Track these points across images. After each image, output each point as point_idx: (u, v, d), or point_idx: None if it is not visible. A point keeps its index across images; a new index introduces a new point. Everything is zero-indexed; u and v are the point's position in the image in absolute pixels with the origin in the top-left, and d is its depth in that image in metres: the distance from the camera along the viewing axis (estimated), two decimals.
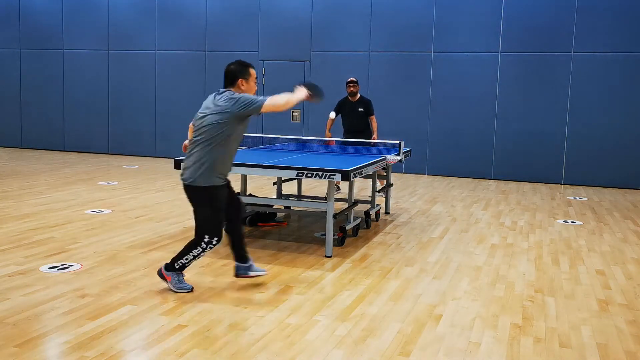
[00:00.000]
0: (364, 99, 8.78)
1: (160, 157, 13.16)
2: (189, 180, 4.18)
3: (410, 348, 3.46)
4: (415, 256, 5.53)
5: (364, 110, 8.69)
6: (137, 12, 13.22)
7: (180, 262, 4.28)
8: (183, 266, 4.30)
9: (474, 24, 11.09)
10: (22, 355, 3.20)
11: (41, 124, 14.22)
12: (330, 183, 5.32)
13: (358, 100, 8.73)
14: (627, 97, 10.41)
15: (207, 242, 4.20)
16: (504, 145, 11.15)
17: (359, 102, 8.72)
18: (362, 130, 8.73)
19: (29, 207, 7.19)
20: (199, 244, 4.22)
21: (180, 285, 4.32)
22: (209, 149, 4.13)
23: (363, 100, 8.75)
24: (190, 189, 4.22)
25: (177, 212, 7.19)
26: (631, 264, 5.48)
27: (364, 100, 8.77)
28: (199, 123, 4.26)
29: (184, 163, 4.27)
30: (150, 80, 13.25)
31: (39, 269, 4.74)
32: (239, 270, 4.51)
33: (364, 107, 8.71)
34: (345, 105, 8.79)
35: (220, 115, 4.13)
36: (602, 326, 3.91)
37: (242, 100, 4.11)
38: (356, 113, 8.69)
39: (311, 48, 12.10)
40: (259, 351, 3.34)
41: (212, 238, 4.20)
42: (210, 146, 4.13)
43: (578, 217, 7.68)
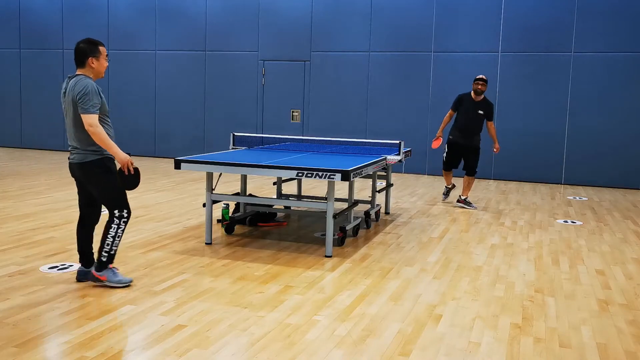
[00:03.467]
0: (488, 102, 8.13)
1: (160, 157, 13.16)
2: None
3: (410, 348, 3.46)
4: (415, 256, 5.53)
5: (483, 113, 8.03)
6: (137, 12, 13.23)
7: (105, 252, 4.30)
8: (111, 256, 4.32)
9: (474, 24, 11.10)
10: (22, 355, 3.20)
11: (41, 124, 14.22)
12: (331, 183, 5.32)
13: (481, 100, 8.05)
14: (627, 97, 10.41)
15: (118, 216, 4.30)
16: (504, 145, 11.12)
17: (482, 103, 8.05)
18: (475, 134, 8.12)
19: (29, 207, 7.19)
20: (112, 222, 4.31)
21: (117, 279, 4.34)
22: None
23: (487, 102, 8.09)
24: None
25: (177, 212, 7.19)
26: (631, 264, 5.48)
27: (488, 102, 8.12)
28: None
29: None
30: (150, 80, 13.25)
31: (39, 269, 4.74)
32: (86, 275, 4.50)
33: (485, 109, 8.05)
34: (466, 102, 8.10)
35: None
36: (602, 326, 3.91)
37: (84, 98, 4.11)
38: (475, 113, 8.02)
39: (311, 48, 12.10)
40: (259, 351, 3.34)
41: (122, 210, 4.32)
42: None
43: (578, 217, 7.68)
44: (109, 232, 4.30)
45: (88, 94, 4.10)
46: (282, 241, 5.96)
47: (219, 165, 5.43)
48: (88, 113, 4.09)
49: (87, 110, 4.09)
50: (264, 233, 6.30)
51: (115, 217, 4.31)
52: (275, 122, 12.40)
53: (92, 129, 4.09)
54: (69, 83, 4.23)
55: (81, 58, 4.26)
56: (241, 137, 7.40)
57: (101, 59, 4.29)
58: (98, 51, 4.29)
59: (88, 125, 4.09)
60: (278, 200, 6.30)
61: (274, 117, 12.48)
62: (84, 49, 4.26)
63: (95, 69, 4.28)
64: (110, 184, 4.30)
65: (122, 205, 4.33)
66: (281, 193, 7.51)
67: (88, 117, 4.09)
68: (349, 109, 11.96)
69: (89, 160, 4.23)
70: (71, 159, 4.33)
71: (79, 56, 4.27)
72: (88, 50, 4.25)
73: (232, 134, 7.33)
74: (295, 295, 4.30)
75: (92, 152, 4.22)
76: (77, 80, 4.19)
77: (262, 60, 12.48)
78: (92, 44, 4.30)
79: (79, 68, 4.29)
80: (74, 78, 4.23)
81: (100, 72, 4.33)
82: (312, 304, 4.13)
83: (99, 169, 4.25)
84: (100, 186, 4.30)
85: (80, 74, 4.25)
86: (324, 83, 12.10)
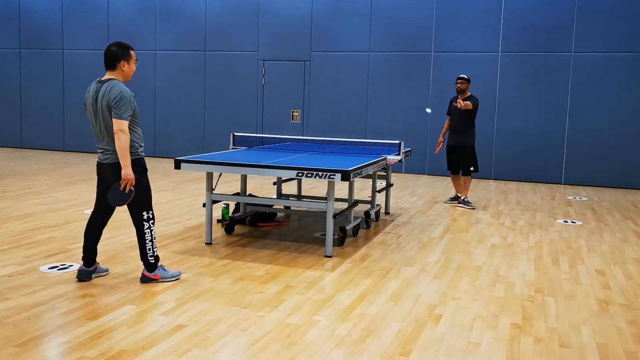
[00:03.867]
0: (473, 98, 8.08)
1: (160, 157, 13.16)
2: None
3: (410, 348, 3.46)
4: (415, 256, 5.53)
5: (467, 110, 7.99)
6: (137, 12, 13.23)
7: (150, 256, 4.43)
8: (156, 257, 4.47)
9: (474, 24, 11.10)
10: (22, 355, 3.20)
11: (41, 124, 14.22)
12: (331, 183, 5.32)
13: (465, 99, 8.05)
14: (627, 97, 10.41)
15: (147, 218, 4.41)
16: (504, 145, 11.15)
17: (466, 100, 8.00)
18: (463, 132, 8.14)
19: (29, 207, 7.19)
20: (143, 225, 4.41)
21: (170, 274, 4.53)
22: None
23: (472, 100, 8.04)
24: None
25: (177, 212, 7.19)
26: (631, 264, 5.48)
27: (472, 98, 8.08)
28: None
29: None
30: (150, 80, 13.25)
31: (39, 269, 4.74)
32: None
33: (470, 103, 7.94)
34: (452, 103, 8.27)
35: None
36: (602, 326, 3.91)
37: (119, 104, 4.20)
38: (458, 112, 8.09)
39: (311, 48, 12.10)
40: (259, 351, 3.34)
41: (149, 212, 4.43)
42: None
43: (578, 217, 7.68)
44: (145, 237, 4.41)
45: (124, 100, 4.19)
46: (282, 241, 5.96)
47: (219, 165, 5.44)
48: (120, 119, 4.18)
49: (120, 116, 4.18)
50: (264, 233, 6.30)
51: (145, 221, 4.40)
52: (275, 122, 12.40)
53: (121, 134, 4.18)
54: (102, 87, 4.25)
55: (113, 61, 4.31)
56: (241, 137, 7.40)
57: (131, 62, 4.37)
58: (129, 55, 4.37)
59: (118, 129, 4.17)
60: (278, 200, 6.30)
61: (274, 117, 12.48)
62: (116, 52, 4.31)
63: (126, 72, 4.35)
64: (143, 184, 4.39)
65: (150, 206, 4.44)
66: (281, 193, 7.51)
67: (120, 122, 4.18)
68: (349, 109, 11.96)
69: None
70: (104, 160, 4.33)
71: (110, 59, 4.32)
72: (120, 54, 4.32)
73: (232, 134, 7.33)
74: (295, 295, 4.30)
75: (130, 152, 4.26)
76: (112, 85, 4.23)
77: (262, 60, 12.48)
78: (124, 47, 4.36)
79: (110, 71, 4.34)
80: (106, 82, 4.26)
81: (129, 76, 4.40)
82: (312, 304, 4.13)
83: (136, 167, 4.32)
84: (136, 186, 4.30)
85: (113, 78, 4.30)
86: (324, 83, 12.10)
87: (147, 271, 4.46)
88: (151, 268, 4.45)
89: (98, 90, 4.28)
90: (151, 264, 4.45)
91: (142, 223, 4.40)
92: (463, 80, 8.15)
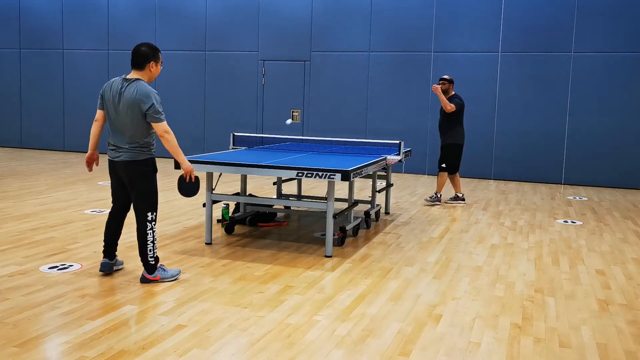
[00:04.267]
0: (456, 99, 8.18)
1: (160, 157, 13.13)
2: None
3: (410, 348, 3.46)
4: (415, 256, 5.53)
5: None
6: (137, 12, 13.22)
7: (150, 257, 4.44)
8: (156, 258, 4.48)
9: (474, 24, 11.10)
10: (22, 355, 3.20)
11: (41, 124, 14.22)
12: (331, 183, 5.32)
13: (449, 98, 8.15)
14: (627, 97, 10.41)
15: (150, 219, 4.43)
16: (504, 145, 11.15)
17: (451, 101, 8.12)
18: (445, 131, 8.25)
19: (29, 207, 7.19)
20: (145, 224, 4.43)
21: (170, 274, 4.54)
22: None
23: (454, 100, 8.16)
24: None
25: (177, 212, 7.19)
26: (631, 264, 5.48)
27: (453, 98, 8.18)
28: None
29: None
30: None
31: (39, 269, 4.74)
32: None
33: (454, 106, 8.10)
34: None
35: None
36: (602, 326, 3.91)
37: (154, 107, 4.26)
38: (440, 112, 8.28)
39: (311, 48, 12.10)
40: (259, 351, 3.34)
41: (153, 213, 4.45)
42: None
43: (578, 217, 7.68)
44: (147, 238, 4.43)
45: (156, 104, 4.25)
46: (282, 241, 5.96)
47: (219, 165, 5.44)
48: (160, 121, 4.26)
49: (159, 119, 4.26)
50: (264, 233, 6.30)
51: (148, 221, 4.42)
52: (275, 122, 12.40)
53: (167, 135, 4.28)
54: (129, 86, 4.27)
55: (142, 61, 4.35)
56: (241, 137, 7.40)
57: (159, 64, 4.44)
58: (159, 57, 4.44)
59: (163, 132, 4.26)
60: (278, 200, 6.30)
61: (274, 117, 12.48)
62: (146, 53, 4.36)
63: (153, 73, 4.42)
64: (153, 184, 4.43)
65: (156, 207, 4.47)
66: (281, 193, 7.50)
67: (161, 125, 4.26)
68: (349, 109, 11.96)
69: (141, 159, 4.34)
70: (116, 158, 4.38)
71: (140, 59, 4.35)
72: (151, 55, 4.37)
73: (232, 134, 7.33)
74: (295, 295, 4.30)
75: (144, 151, 4.35)
76: (140, 87, 4.26)
77: (262, 60, 12.48)
78: (154, 49, 4.42)
79: (136, 70, 4.38)
80: (134, 82, 4.29)
81: (153, 77, 4.46)
82: (312, 304, 4.13)
83: (149, 167, 4.39)
84: (144, 184, 4.39)
85: (139, 79, 4.33)
86: (324, 83, 12.10)
87: (147, 273, 4.47)
88: (151, 269, 4.46)
89: (123, 88, 4.29)
90: (151, 265, 4.45)
91: (145, 223, 4.41)
92: (444, 81, 8.27)
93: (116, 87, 4.34)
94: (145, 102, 4.21)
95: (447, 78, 8.31)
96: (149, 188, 4.41)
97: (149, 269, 4.46)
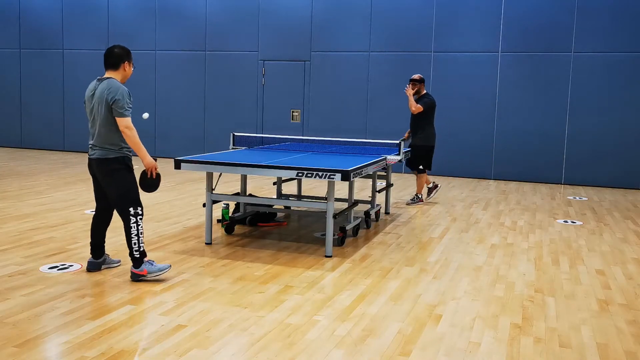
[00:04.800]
0: (423, 98, 8.19)
1: (160, 157, 13.13)
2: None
3: (410, 348, 3.46)
4: (415, 256, 5.53)
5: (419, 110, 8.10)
6: (137, 12, 13.23)
7: (135, 251, 4.46)
8: (142, 252, 4.49)
9: (474, 24, 11.10)
10: (22, 355, 3.20)
11: (41, 124, 14.22)
12: (331, 183, 5.32)
13: (420, 98, 8.19)
14: (627, 97, 10.41)
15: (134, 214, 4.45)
16: (504, 145, 11.15)
17: (419, 101, 8.15)
18: (415, 131, 8.25)
19: (29, 207, 7.19)
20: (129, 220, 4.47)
21: (157, 269, 4.53)
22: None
23: (422, 98, 8.19)
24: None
25: (177, 212, 7.19)
26: (631, 264, 5.48)
27: (422, 98, 8.19)
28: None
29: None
30: (150, 80, 13.25)
31: (39, 269, 4.74)
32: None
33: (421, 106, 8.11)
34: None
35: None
36: (602, 326, 3.91)
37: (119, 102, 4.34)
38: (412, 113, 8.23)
39: (311, 48, 12.10)
40: (259, 351, 3.34)
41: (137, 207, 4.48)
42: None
43: (578, 217, 7.68)
44: (131, 232, 4.46)
45: (123, 98, 4.33)
46: (282, 241, 5.96)
47: (219, 165, 5.44)
48: (123, 116, 4.34)
49: (123, 114, 4.34)
50: (264, 233, 6.30)
51: (132, 216, 4.45)
52: (275, 122, 12.40)
53: (127, 131, 4.35)
54: (100, 86, 4.41)
55: (117, 61, 4.50)
56: (241, 137, 7.40)
57: (131, 65, 4.59)
58: (131, 57, 4.59)
59: (124, 127, 4.34)
60: (278, 200, 6.30)
61: (274, 117, 12.48)
62: (120, 53, 4.51)
63: (127, 73, 4.56)
64: (128, 181, 4.47)
65: (137, 202, 4.49)
66: (281, 193, 7.50)
67: (124, 120, 4.34)
68: (349, 109, 11.96)
69: (111, 157, 4.42)
70: (91, 155, 4.50)
71: (114, 59, 4.50)
72: (124, 55, 4.53)
73: (232, 134, 7.33)
74: (295, 295, 4.30)
75: (114, 149, 4.42)
76: (110, 84, 4.38)
77: (262, 60, 12.48)
78: (127, 50, 4.59)
79: (111, 70, 4.51)
80: (105, 81, 4.42)
81: (127, 77, 4.59)
82: (312, 304, 4.13)
83: (119, 165, 4.44)
84: (118, 182, 4.45)
85: (112, 77, 4.45)
86: (324, 83, 12.09)
87: (134, 267, 4.50)
88: (137, 263, 4.49)
89: (96, 88, 4.44)
90: (137, 259, 4.48)
91: (128, 217, 4.45)
92: (414, 82, 8.28)
93: (92, 87, 4.50)
94: (112, 95, 4.33)
95: (417, 78, 8.32)
96: (121, 185, 4.45)
97: (135, 263, 4.49)
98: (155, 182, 4.58)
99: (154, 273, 4.51)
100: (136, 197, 4.49)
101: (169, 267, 4.61)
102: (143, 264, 4.50)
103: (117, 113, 4.32)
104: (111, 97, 4.32)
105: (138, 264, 4.49)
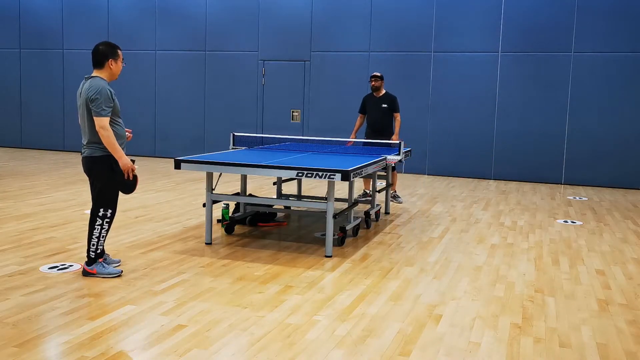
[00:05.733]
0: (390, 96, 8.36)
1: (160, 157, 13.16)
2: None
3: (410, 348, 3.46)
4: (415, 256, 5.53)
5: (387, 106, 8.28)
6: (137, 12, 13.23)
7: (92, 250, 4.51)
8: (98, 254, 4.53)
9: (474, 24, 11.09)
10: (22, 355, 3.20)
11: (41, 124, 14.22)
12: (331, 183, 5.32)
13: (382, 96, 8.33)
14: (627, 97, 10.41)
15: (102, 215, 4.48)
16: (504, 145, 11.15)
17: (384, 97, 8.32)
18: (384, 129, 8.33)
19: (29, 207, 7.19)
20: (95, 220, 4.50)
21: (107, 271, 4.56)
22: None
23: (388, 96, 8.34)
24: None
25: (177, 212, 7.19)
26: (631, 264, 5.48)
27: (390, 96, 8.35)
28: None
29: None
30: (150, 80, 13.25)
31: (39, 269, 4.74)
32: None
33: (388, 103, 8.29)
34: (369, 101, 8.44)
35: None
36: (602, 326, 3.91)
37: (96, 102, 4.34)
38: (379, 110, 8.31)
39: (311, 48, 12.10)
40: (259, 351, 3.34)
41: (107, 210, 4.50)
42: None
43: (578, 217, 7.68)
44: (94, 232, 4.52)
45: (101, 97, 4.33)
46: (282, 241, 5.96)
47: (219, 165, 5.44)
48: (100, 116, 4.34)
49: (99, 114, 4.34)
50: (264, 233, 6.30)
51: (99, 217, 4.49)
52: (275, 122, 12.40)
53: (102, 131, 4.34)
54: (85, 84, 4.45)
55: (101, 59, 4.49)
56: (241, 137, 7.40)
57: (119, 61, 4.55)
58: (117, 54, 4.55)
59: (100, 127, 4.34)
60: (278, 200, 6.30)
61: (274, 117, 12.48)
62: (104, 51, 4.49)
63: (113, 70, 4.54)
64: (110, 182, 4.50)
65: (110, 205, 4.53)
66: (281, 193, 7.50)
67: (100, 119, 4.34)
68: (349, 109, 11.93)
69: (96, 155, 4.45)
70: (82, 154, 4.54)
71: (98, 57, 4.50)
72: (109, 52, 4.50)
73: (232, 134, 7.33)
74: (295, 295, 4.30)
75: (100, 148, 4.43)
76: (92, 82, 4.40)
77: (262, 60, 12.48)
78: (112, 46, 4.55)
79: (97, 69, 4.51)
80: (89, 80, 4.45)
81: (115, 75, 4.57)
82: (312, 304, 4.13)
83: (103, 165, 4.45)
84: (100, 181, 4.49)
85: (96, 76, 4.47)
86: (324, 83, 12.09)
87: (86, 264, 4.57)
88: (89, 262, 4.56)
89: (83, 86, 4.48)
90: (91, 259, 4.55)
91: (96, 218, 4.50)
92: (377, 77, 8.33)
93: (80, 86, 4.53)
94: (91, 94, 4.34)
95: (379, 75, 8.39)
96: (102, 185, 4.48)
97: (87, 261, 4.55)
98: (131, 184, 4.57)
99: (102, 274, 4.55)
100: (110, 199, 4.51)
101: (119, 272, 4.60)
102: (95, 264, 4.55)
103: (93, 112, 4.34)
104: (90, 96, 4.34)
105: (90, 262, 4.55)
